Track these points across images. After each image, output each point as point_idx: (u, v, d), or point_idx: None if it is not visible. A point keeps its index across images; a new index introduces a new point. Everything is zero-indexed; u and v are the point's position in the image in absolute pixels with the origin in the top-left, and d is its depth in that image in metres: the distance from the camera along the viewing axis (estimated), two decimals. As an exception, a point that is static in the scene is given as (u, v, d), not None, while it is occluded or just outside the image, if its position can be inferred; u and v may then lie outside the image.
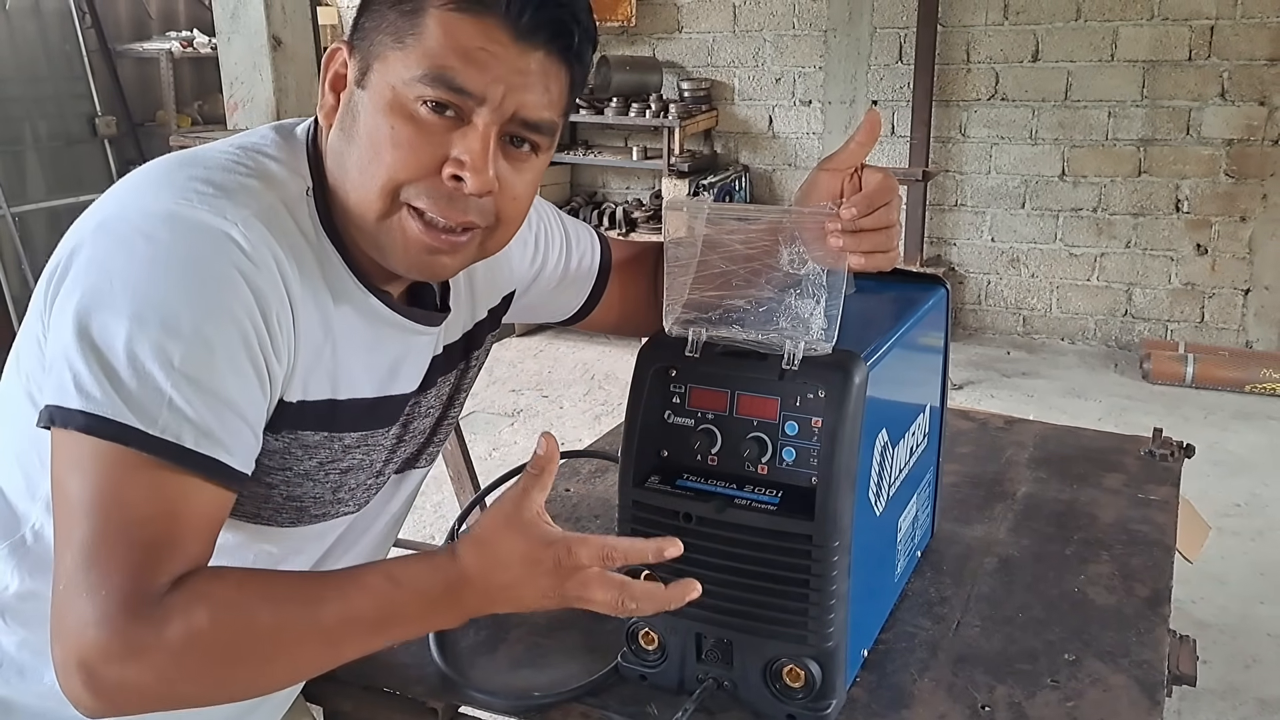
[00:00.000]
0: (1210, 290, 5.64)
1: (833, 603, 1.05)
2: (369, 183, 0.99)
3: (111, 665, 0.85)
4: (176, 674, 0.87)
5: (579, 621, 1.29)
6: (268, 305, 0.95)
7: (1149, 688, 1.17)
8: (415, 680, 1.18)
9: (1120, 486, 1.68)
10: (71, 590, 0.86)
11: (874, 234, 1.11)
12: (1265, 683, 2.82)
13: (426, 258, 1.02)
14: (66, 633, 0.86)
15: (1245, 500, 3.91)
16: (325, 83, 1.04)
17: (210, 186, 0.96)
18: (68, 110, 5.97)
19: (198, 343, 0.90)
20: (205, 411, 0.90)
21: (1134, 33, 5.46)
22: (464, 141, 0.97)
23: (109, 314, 0.89)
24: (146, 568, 0.86)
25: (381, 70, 0.98)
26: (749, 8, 6.20)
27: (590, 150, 6.55)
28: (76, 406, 0.87)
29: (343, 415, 1.07)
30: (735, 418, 1.08)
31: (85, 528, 0.87)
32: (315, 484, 1.08)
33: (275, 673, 0.94)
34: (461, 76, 0.96)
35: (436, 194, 0.98)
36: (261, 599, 0.90)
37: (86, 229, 0.95)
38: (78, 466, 0.88)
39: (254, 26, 2.32)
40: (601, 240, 1.45)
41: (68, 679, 0.86)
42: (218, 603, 0.88)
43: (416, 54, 0.96)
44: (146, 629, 0.85)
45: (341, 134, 1.02)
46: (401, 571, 0.95)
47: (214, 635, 0.87)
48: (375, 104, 0.98)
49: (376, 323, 1.08)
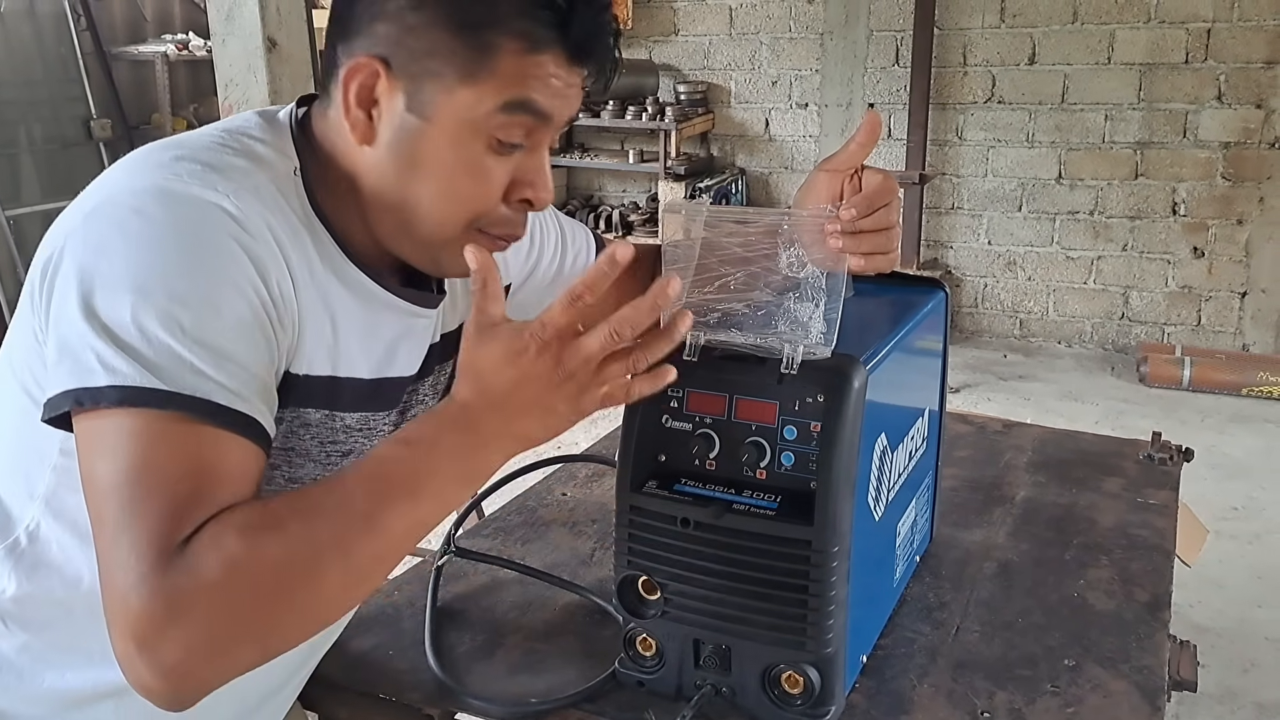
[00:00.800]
0: (1207, 293, 5.64)
1: (831, 608, 1.04)
2: (451, 212, 1.01)
3: (164, 629, 0.79)
4: (230, 613, 0.82)
5: (576, 627, 1.29)
6: (267, 273, 0.94)
7: (1149, 693, 1.16)
8: (411, 686, 1.17)
9: (1119, 491, 1.67)
10: (110, 567, 0.82)
11: (874, 235, 1.10)
12: (1263, 687, 2.82)
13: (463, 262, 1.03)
14: (114, 616, 0.81)
15: (1243, 504, 3.91)
16: (350, 96, 1.00)
17: (198, 164, 0.95)
18: (63, 113, 5.97)
19: (205, 308, 0.89)
20: (224, 371, 0.88)
21: (1131, 35, 5.47)
22: (532, 165, 1.02)
23: (112, 292, 0.88)
24: (173, 523, 0.81)
25: (449, 104, 0.97)
26: (745, 11, 6.20)
27: (587, 153, 6.55)
28: (105, 383, 0.85)
29: (343, 394, 1.07)
30: (733, 422, 1.07)
31: (116, 500, 0.83)
32: (316, 465, 1.08)
33: (330, 581, 0.86)
34: (541, 103, 0.99)
35: (510, 220, 1.04)
36: (288, 510, 0.86)
37: (76, 218, 0.94)
38: (108, 445, 0.85)
39: (249, 28, 2.31)
40: (598, 240, 1.45)
41: (134, 672, 0.81)
42: (243, 526, 0.83)
43: (493, 87, 0.97)
44: (180, 576, 0.80)
45: (395, 159, 1.00)
46: (409, 431, 0.93)
47: (251, 558, 0.82)
48: (446, 136, 0.98)
49: (372, 303, 1.08)
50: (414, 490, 0.89)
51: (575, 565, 1.43)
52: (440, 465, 0.90)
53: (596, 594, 1.32)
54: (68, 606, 1.03)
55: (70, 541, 1.01)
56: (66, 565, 1.02)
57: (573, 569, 1.42)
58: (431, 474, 0.90)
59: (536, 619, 1.31)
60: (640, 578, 1.12)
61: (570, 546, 1.48)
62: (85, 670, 1.04)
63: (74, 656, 1.04)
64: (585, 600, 1.33)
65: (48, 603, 1.03)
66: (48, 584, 1.02)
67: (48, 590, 1.02)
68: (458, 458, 0.91)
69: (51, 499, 1.01)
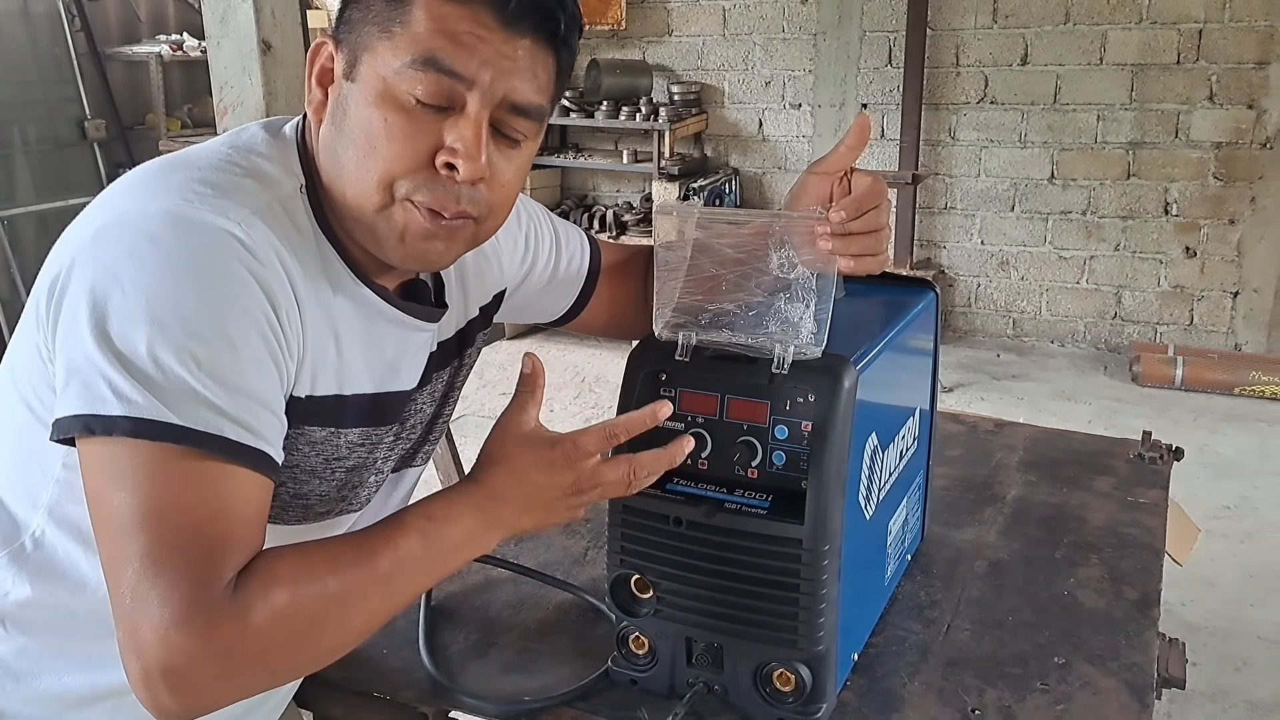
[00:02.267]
0: (1199, 293, 5.66)
1: (823, 606, 1.05)
2: (365, 176, 0.99)
3: (203, 664, 0.84)
4: (267, 656, 0.89)
5: (570, 626, 1.29)
6: (276, 301, 0.95)
7: (1138, 691, 1.17)
8: (405, 685, 1.17)
9: (1110, 490, 1.68)
10: (140, 601, 0.84)
11: (863, 237, 1.11)
12: (1255, 685, 2.83)
13: (423, 245, 1.02)
14: (144, 644, 0.84)
15: (1235, 502, 3.93)
16: (312, 78, 1.04)
17: (207, 187, 0.96)
18: (57, 114, 5.95)
19: (220, 342, 0.90)
20: (237, 406, 0.90)
21: (1123, 36, 5.48)
22: (456, 129, 0.98)
23: (127, 321, 0.88)
24: (213, 566, 0.86)
25: (370, 62, 0.98)
26: (739, 11, 6.21)
27: (580, 153, 6.54)
28: (119, 413, 0.86)
29: (348, 411, 1.07)
30: (725, 421, 1.08)
31: (142, 537, 0.85)
32: (321, 481, 1.09)
33: (352, 628, 0.95)
34: (451, 58, 0.96)
35: (432, 185, 0.99)
36: (325, 566, 0.92)
37: (84, 237, 0.94)
38: (123, 476, 0.87)
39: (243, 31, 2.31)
40: (591, 243, 1.45)
41: (150, 689, 0.85)
42: (290, 580, 0.89)
43: (405, 41, 0.96)
44: (230, 623, 0.85)
45: (333, 129, 1.02)
46: (434, 508, 1.00)
47: (295, 611, 0.89)
48: (365, 96, 0.98)
49: (376, 319, 1.09)
50: (430, 561, 0.99)
51: (568, 564, 1.44)
52: (454, 539, 0.99)
53: (589, 593, 1.33)
54: (70, 611, 1.03)
55: (74, 549, 1.02)
56: (71, 571, 1.03)
57: (566, 568, 1.42)
58: (445, 546, 0.99)
59: (530, 618, 1.31)
60: (633, 576, 1.13)
61: (563, 545, 1.49)
62: (82, 673, 1.05)
63: (72, 660, 1.05)
64: (578, 599, 1.34)
65: (50, 607, 1.04)
66: (52, 589, 1.03)
67: (52, 595, 1.03)
68: (469, 536, 1.00)
69: (54, 509, 1.02)
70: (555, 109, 1.08)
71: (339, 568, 0.92)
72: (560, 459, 1.00)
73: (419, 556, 0.97)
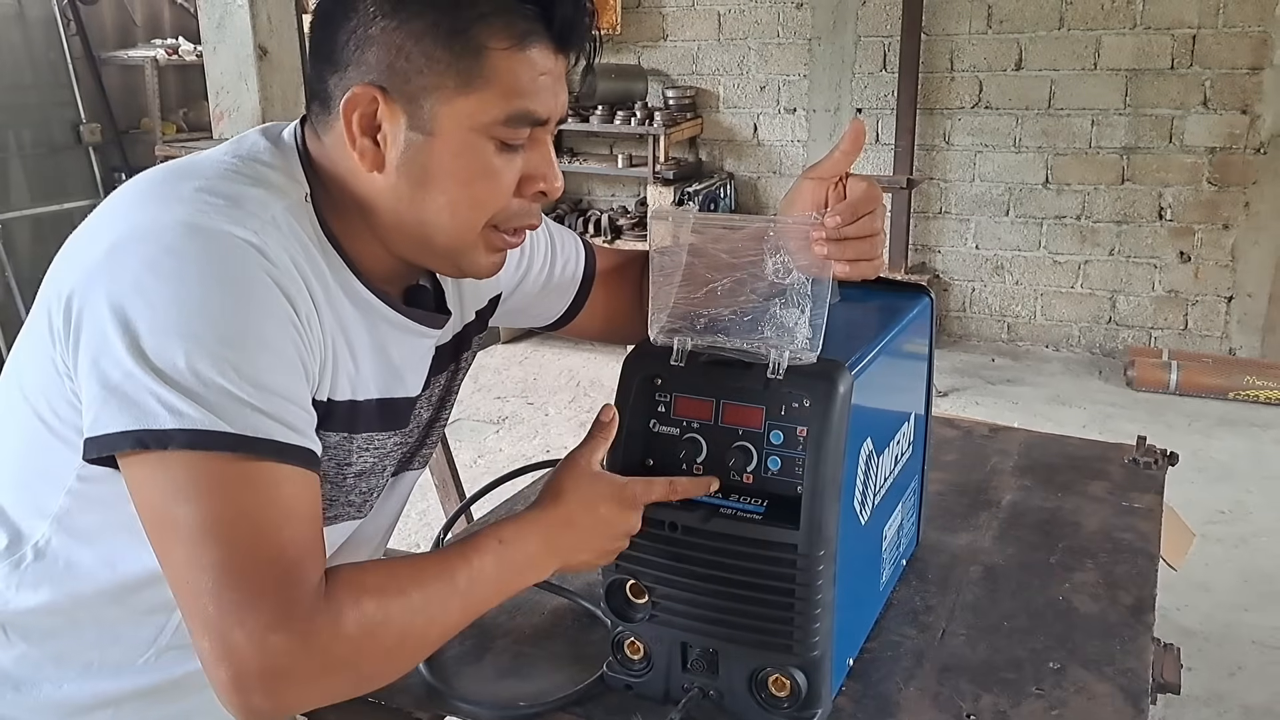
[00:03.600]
0: (1194, 297, 5.66)
1: (818, 612, 1.05)
2: (465, 222, 1.05)
3: (302, 664, 0.87)
4: (358, 662, 0.91)
5: (565, 631, 1.29)
6: (298, 306, 0.96)
7: (1133, 696, 1.17)
8: (400, 690, 1.17)
9: (1104, 494, 1.68)
10: (228, 609, 0.85)
11: (858, 242, 1.11)
12: (1250, 690, 2.83)
13: (499, 259, 1.11)
14: (238, 649, 0.85)
15: (1229, 507, 3.93)
16: (354, 127, 1.01)
17: (219, 197, 0.96)
18: (52, 117, 5.94)
19: (254, 348, 0.91)
20: (280, 409, 0.91)
21: (1117, 41, 5.49)
22: (542, 159, 1.06)
23: (161, 336, 0.88)
24: (297, 571, 0.88)
25: (451, 116, 1.00)
26: (733, 16, 6.21)
27: (576, 157, 6.54)
28: (172, 426, 0.87)
29: (361, 416, 1.09)
30: (720, 427, 1.08)
31: (217, 547, 0.86)
32: (331, 486, 1.10)
33: (431, 640, 0.99)
34: (539, 106, 1.03)
35: (524, 212, 1.08)
36: (410, 581, 0.95)
37: (97, 252, 0.93)
38: (183, 489, 0.87)
39: (240, 36, 2.31)
40: (587, 247, 1.45)
41: (244, 693, 0.86)
42: (378, 591, 0.92)
43: (491, 97, 1.00)
44: (325, 626, 0.88)
45: (407, 179, 1.02)
46: (504, 531, 1.03)
47: (385, 621, 0.91)
48: (452, 148, 1.01)
49: (381, 324, 1.10)
50: (500, 581, 1.02)
51: (564, 569, 1.43)
52: (519, 560, 1.03)
53: (584, 598, 1.33)
54: (73, 618, 1.03)
55: (81, 557, 1.02)
56: (74, 580, 1.02)
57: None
58: (512, 566, 1.03)
59: (525, 623, 1.31)
60: (628, 581, 1.13)
61: (559, 551, 1.48)
62: (82, 681, 1.05)
63: (72, 668, 1.05)
64: (573, 604, 1.34)
65: (52, 614, 1.03)
66: (54, 597, 1.03)
67: (53, 603, 1.03)
68: (533, 558, 1.04)
69: (64, 518, 1.01)
70: None
71: (423, 583, 0.96)
72: (629, 498, 1.05)
73: (491, 576, 1.01)
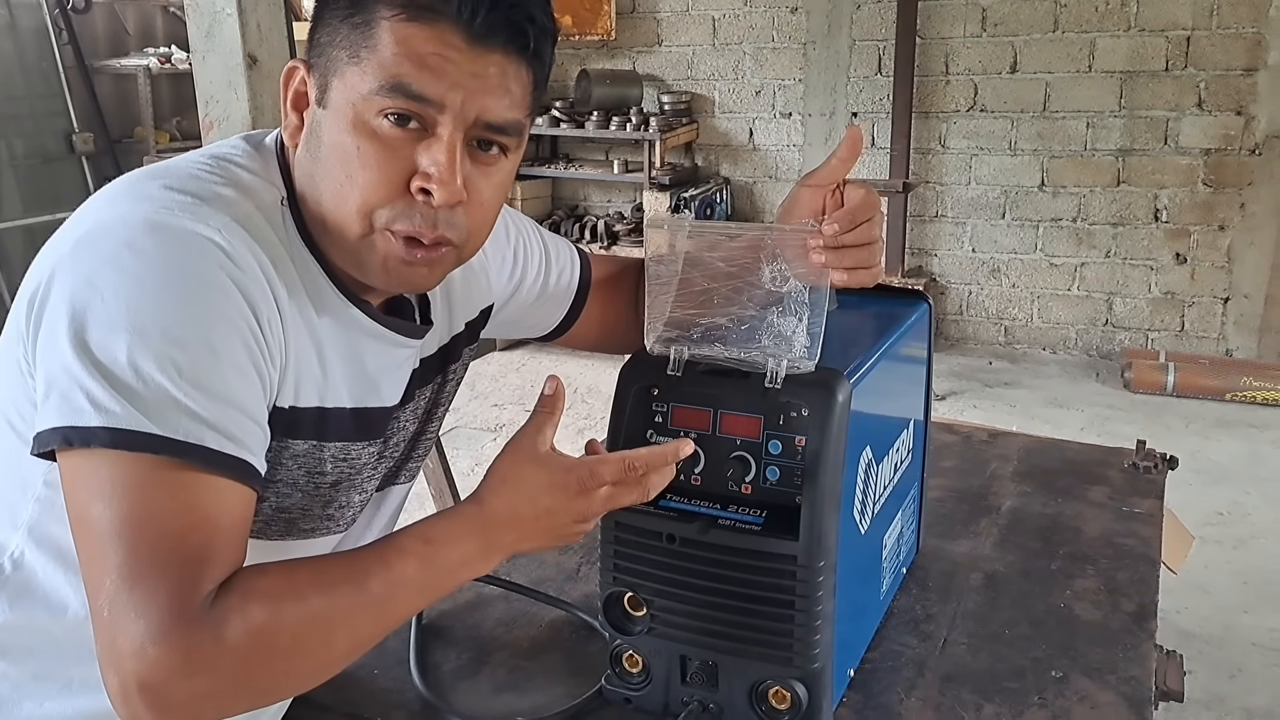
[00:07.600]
0: (1190, 299, 5.67)
1: (818, 623, 1.04)
2: (344, 205, 0.98)
3: (179, 680, 0.82)
4: (245, 674, 0.86)
5: (562, 644, 1.28)
6: (258, 309, 0.93)
7: (1136, 704, 1.16)
8: (397, 705, 1.16)
9: (1105, 500, 1.68)
10: (118, 613, 0.83)
11: (856, 250, 1.10)
12: (1250, 692, 2.82)
13: (405, 270, 1.01)
14: (121, 657, 0.82)
15: (1227, 509, 3.93)
16: (287, 102, 1.03)
17: (186, 195, 0.94)
18: (45, 127, 5.95)
19: (201, 350, 0.88)
20: (219, 415, 0.88)
21: (1111, 44, 5.50)
22: (429, 153, 0.96)
23: (106, 330, 0.87)
24: (192, 578, 0.84)
25: (340, 88, 0.97)
26: (728, 21, 6.22)
27: (571, 164, 6.55)
28: (97, 424, 0.85)
29: (331, 425, 1.06)
30: (718, 437, 1.07)
31: (121, 548, 0.84)
32: (304, 496, 1.07)
33: (336, 651, 0.93)
34: (418, 84, 0.94)
35: (409, 212, 0.97)
36: (310, 585, 0.89)
37: (64, 247, 0.93)
38: (102, 487, 0.85)
39: (229, 45, 2.29)
40: (582, 257, 1.44)
41: (129, 705, 0.83)
42: (270, 596, 0.87)
43: (372, 66, 0.95)
44: (207, 637, 0.83)
45: (309, 154, 1.01)
46: (432, 530, 0.97)
47: (274, 629, 0.86)
48: (338, 124, 0.97)
49: (357, 333, 1.07)
50: (424, 584, 0.96)
51: (561, 581, 1.42)
52: (451, 562, 0.97)
53: (582, 610, 1.32)
54: (51, 634, 1.02)
55: (55, 570, 1.00)
56: (52, 594, 1.01)
57: (558, 585, 1.41)
58: (441, 569, 0.96)
59: (522, 636, 1.30)
60: (626, 594, 1.12)
61: (555, 562, 1.47)
62: (64, 699, 1.03)
63: (53, 685, 1.03)
64: (571, 617, 1.33)
65: (30, 630, 1.02)
66: (32, 612, 1.01)
67: (31, 618, 1.02)
68: (467, 559, 0.98)
69: (35, 528, 1.00)
70: (534, 120, 1.06)
71: (325, 587, 0.90)
72: (575, 484, 0.97)
73: (414, 580, 0.94)
